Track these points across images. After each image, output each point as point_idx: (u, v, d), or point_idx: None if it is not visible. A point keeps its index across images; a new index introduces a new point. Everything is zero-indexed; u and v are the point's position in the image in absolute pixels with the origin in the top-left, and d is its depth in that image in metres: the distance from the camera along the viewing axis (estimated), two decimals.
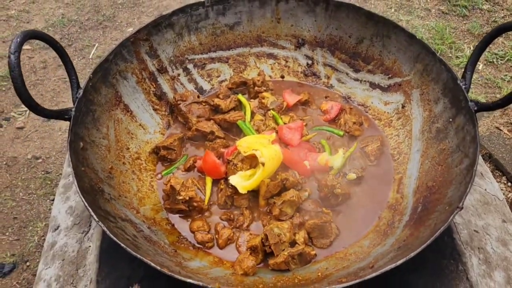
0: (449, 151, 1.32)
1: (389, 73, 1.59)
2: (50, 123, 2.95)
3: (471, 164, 1.18)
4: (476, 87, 3.03)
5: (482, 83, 3.06)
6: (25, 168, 2.70)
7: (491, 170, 2.66)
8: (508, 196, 2.57)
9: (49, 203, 2.55)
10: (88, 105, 1.38)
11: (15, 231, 2.45)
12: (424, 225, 1.18)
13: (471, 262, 1.33)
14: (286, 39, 1.74)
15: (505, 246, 1.43)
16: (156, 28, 1.59)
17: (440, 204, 1.20)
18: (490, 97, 2.99)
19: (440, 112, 1.41)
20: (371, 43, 1.61)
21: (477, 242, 1.41)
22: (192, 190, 1.39)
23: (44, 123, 2.95)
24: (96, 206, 1.17)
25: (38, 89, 3.09)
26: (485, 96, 2.99)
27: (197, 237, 1.32)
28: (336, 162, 1.45)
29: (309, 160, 1.45)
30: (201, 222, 1.34)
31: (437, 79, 1.43)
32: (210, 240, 1.31)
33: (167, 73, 1.66)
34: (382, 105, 1.61)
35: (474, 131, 1.23)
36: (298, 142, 1.49)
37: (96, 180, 1.28)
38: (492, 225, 1.47)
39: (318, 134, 1.57)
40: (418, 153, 1.44)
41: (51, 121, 2.96)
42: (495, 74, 3.09)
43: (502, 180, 2.63)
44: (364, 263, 1.17)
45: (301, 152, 1.48)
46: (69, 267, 1.42)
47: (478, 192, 1.56)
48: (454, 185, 1.21)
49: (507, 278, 1.35)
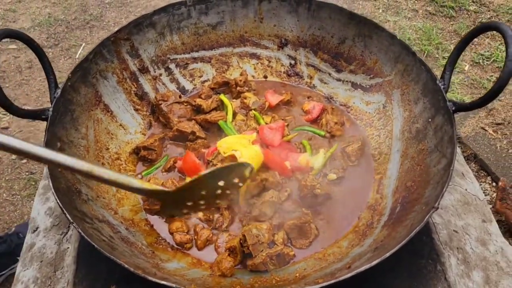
0: (427, 151, 1.33)
1: (370, 74, 1.59)
2: (34, 124, 2.92)
3: (448, 164, 1.18)
4: (462, 88, 3.05)
5: (468, 83, 3.08)
6: (9, 169, 2.68)
7: (476, 171, 2.67)
8: (493, 196, 2.58)
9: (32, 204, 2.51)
10: (67, 105, 1.37)
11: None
12: (401, 225, 1.18)
13: (450, 262, 1.34)
14: (269, 39, 1.74)
15: (484, 246, 1.44)
16: (137, 27, 1.58)
17: (418, 204, 1.20)
18: (476, 98, 2.99)
19: (419, 112, 1.41)
20: (353, 43, 1.61)
21: (456, 242, 1.41)
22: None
23: (29, 123, 2.93)
24: (72, 207, 1.15)
25: (23, 89, 3.07)
26: (471, 96, 3.00)
27: (176, 238, 1.31)
28: (316, 163, 1.45)
29: (290, 160, 1.45)
30: (180, 223, 1.33)
31: (417, 79, 1.43)
32: (188, 241, 1.31)
33: (149, 73, 1.65)
34: (364, 105, 1.61)
35: (452, 131, 1.24)
36: (279, 143, 1.49)
37: (74, 181, 1.27)
38: (472, 225, 1.48)
39: (300, 134, 1.56)
40: (398, 153, 1.44)
41: (36, 121, 2.93)
42: (481, 75, 3.11)
43: (487, 180, 2.64)
44: (342, 264, 1.17)
45: (282, 152, 1.47)
46: (47, 268, 1.40)
47: (458, 192, 1.56)
48: (432, 185, 1.21)
49: (485, 278, 1.36)
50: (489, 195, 2.59)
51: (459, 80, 3.09)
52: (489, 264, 1.40)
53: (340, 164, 1.47)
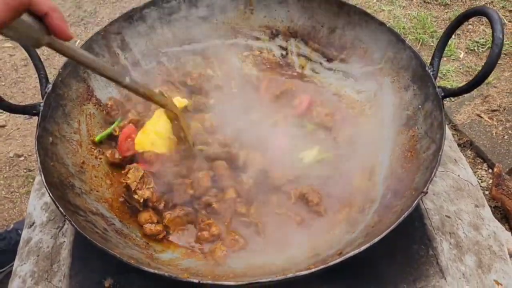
0: (418, 137, 1.33)
1: (361, 62, 1.60)
2: (32, 121, 2.94)
3: (437, 150, 1.19)
4: (457, 75, 3.05)
5: (463, 71, 3.08)
6: (7, 167, 2.69)
7: (472, 157, 2.68)
8: (489, 182, 2.59)
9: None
10: (58, 100, 1.38)
11: None
12: (392, 211, 1.19)
13: (442, 247, 1.35)
14: (260, 30, 1.74)
15: (477, 231, 1.45)
16: (128, 21, 1.58)
17: (408, 190, 1.21)
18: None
19: (410, 99, 1.42)
20: (343, 32, 1.61)
21: (449, 227, 1.42)
22: (150, 187, 1.34)
23: (26, 121, 2.94)
24: (64, 200, 1.17)
25: (19, 87, 3.08)
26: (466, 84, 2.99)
27: (146, 230, 1.29)
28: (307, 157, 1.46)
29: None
30: (147, 214, 1.32)
31: (406, 66, 1.44)
32: (159, 232, 1.30)
33: (141, 67, 1.65)
34: (355, 94, 1.61)
35: (441, 116, 1.24)
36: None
37: (67, 174, 1.28)
38: (465, 210, 1.49)
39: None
40: (389, 140, 1.45)
41: (33, 119, 2.95)
42: (476, 62, 3.11)
43: (483, 167, 2.65)
44: (333, 251, 1.18)
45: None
46: (43, 262, 1.42)
47: (451, 178, 1.57)
48: (421, 170, 1.22)
49: (478, 262, 1.37)
50: (485, 181, 2.60)
51: (454, 67, 3.09)
52: (482, 248, 1.41)
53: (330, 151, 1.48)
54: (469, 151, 2.70)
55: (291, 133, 1.53)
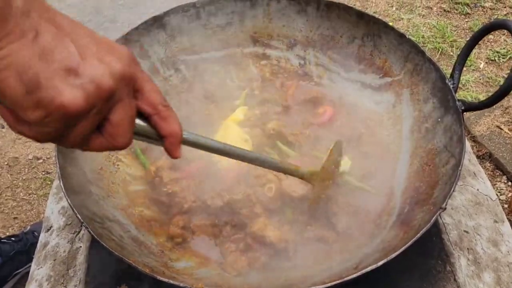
0: (437, 151, 1.32)
1: (380, 73, 1.59)
2: None
3: (456, 164, 1.17)
4: (477, 86, 3.01)
5: (484, 81, 3.04)
6: (26, 169, 2.74)
7: (491, 170, 2.64)
8: (508, 195, 2.55)
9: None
10: None
11: (16, 231, 2.47)
12: (409, 225, 1.18)
13: (460, 263, 1.33)
14: (278, 39, 1.74)
15: (496, 247, 1.42)
16: (147, 29, 1.60)
17: (426, 205, 1.19)
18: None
19: (429, 111, 1.41)
20: (362, 42, 1.61)
21: (467, 242, 1.40)
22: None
23: None
24: (82, 207, 1.18)
25: None
26: (486, 94, 2.96)
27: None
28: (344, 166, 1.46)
29: None
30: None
31: (426, 79, 1.42)
32: (179, 235, 1.31)
33: (159, 74, 1.66)
34: (374, 105, 1.60)
35: (461, 130, 1.23)
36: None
37: (84, 181, 1.30)
38: (483, 226, 1.46)
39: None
40: (407, 153, 1.43)
41: None
42: (497, 73, 3.07)
43: (503, 180, 2.61)
44: (349, 264, 1.17)
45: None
46: (60, 267, 1.43)
47: (470, 193, 1.55)
48: (440, 185, 1.20)
49: (496, 279, 1.34)
50: (504, 194, 2.56)
51: (474, 78, 3.05)
52: (501, 265, 1.38)
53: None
54: (488, 163, 2.66)
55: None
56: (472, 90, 2.97)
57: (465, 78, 3.03)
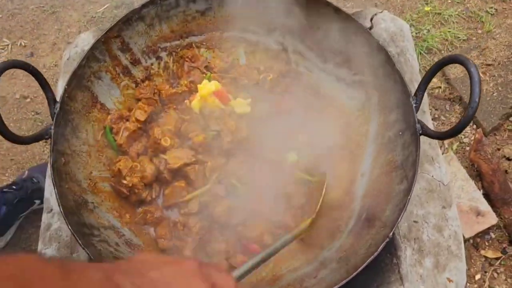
0: (394, 164, 1.47)
1: (353, 70, 1.65)
2: (34, 60, 2.98)
3: (407, 190, 1.33)
4: (459, 22, 3.01)
5: (466, 16, 3.04)
6: (15, 109, 2.81)
7: (459, 113, 2.79)
8: (471, 138, 2.75)
9: (42, 145, 2.70)
10: (66, 116, 1.48)
11: (14, 172, 2.64)
12: (363, 239, 1.38)
13: (405, 254, 1.57)
14: (257, 24, 1.75)
15: (439, 232, 1.66)
16: (127, 23, 1.61)
17: (380, 221, 1.38)
18: (471, 34, 2.98)
19: (393, 121, 1.52)
20: (339, 37, 1.64)
21: (415, 232, 1.63)
22: (137, 177, 1.53)
23: (28, 59, 2.98)
24: (80, 224, 1.35)
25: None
26: (466, 32, 2.98)
27: (161, 244, 1.50)
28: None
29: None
30: (164, 230, 1.51)
31: (392, 90, 1.50)
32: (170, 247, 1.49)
33: (141, 64, 1.71)
34: (347, 100, 1.69)
35: (416, 155, 1.36)
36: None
37: (80, 192, 1.45)
38: (432, 213, 1.68)
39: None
40: (371, 156, 1.58)
41: (35, 56, 2.99)
42: (481, 6, 3.05)
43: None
44: (310, 268, 1.40)
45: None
46: (64, 250, 1.64)
47: (425, 180, 1.73)
48: (392, 204, 1.38)
49: (435, 262, 1.60)
50: (468, 137, 2.75)
51: (457, 12, 3.04)
52: (441, 249, 1.63)
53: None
54: (457, 106, 2.80)
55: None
56: (453, 27, 2.98)
57: (448, 12, 3.02)
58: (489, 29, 2.94)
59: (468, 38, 2.95)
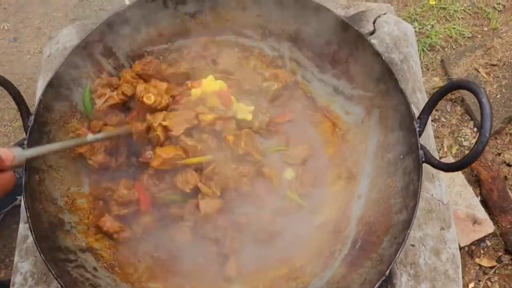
0: (394, 190, 1.37)
1: (353, 83, 1.54)
2: (17, 44, 2.84)
3: (407, 221, 1.24)
4: (464, 18, 2.88)
5: (472, 12, 2.91)
6: None
7: (460, 114, 2.70)
8: (471, 141, 2.66)
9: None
10: (42, 128, 1.37)
11: None
12: (357, 271, 1.30)
13: (400, 281, 1.49)
14: (252, 28, 1.63)
15: (437, 256, 1.58)
16: (110, 26, 1.48)
17: (375, 253, 1.30)
18: (476, 31, 2.86)
19: (394, 142, 1.42)
20: (339, 48, 1.53)
21: (411, 257, 1.55)
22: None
23: (11, 44, 2.84)
24: (55, 249, 1.26)
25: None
26: (472, 29, 2.86)
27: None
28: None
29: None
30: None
31: (396, 108, 1.40)
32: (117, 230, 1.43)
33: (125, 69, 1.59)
34: (344, 114, 1.59)
35: (418, 184, 1.27)
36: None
37: (56, 211, 1.35)
38: (430, 235, 1.60)
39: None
40: (368, 177, 1.48)
41: (18, 41, 2.85)
42: (488, 2, 2.91)
43: (469, 125, 2.69)
44: None
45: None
46: (41, 265, 1.55)
47: (424, 199, 1.64)
48: (390, 236, 1.29)
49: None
50: (468, 140, 2.66)
51: (463, 7, 2.90)
52: (438, 273, 1.56)
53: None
54: (459, 107, 2.70)
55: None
56: (459, 23, 2.85)
57: (453, 7, 2.89)
58: (495, 26, 2.82)
59: (473, 35, 2.82)
